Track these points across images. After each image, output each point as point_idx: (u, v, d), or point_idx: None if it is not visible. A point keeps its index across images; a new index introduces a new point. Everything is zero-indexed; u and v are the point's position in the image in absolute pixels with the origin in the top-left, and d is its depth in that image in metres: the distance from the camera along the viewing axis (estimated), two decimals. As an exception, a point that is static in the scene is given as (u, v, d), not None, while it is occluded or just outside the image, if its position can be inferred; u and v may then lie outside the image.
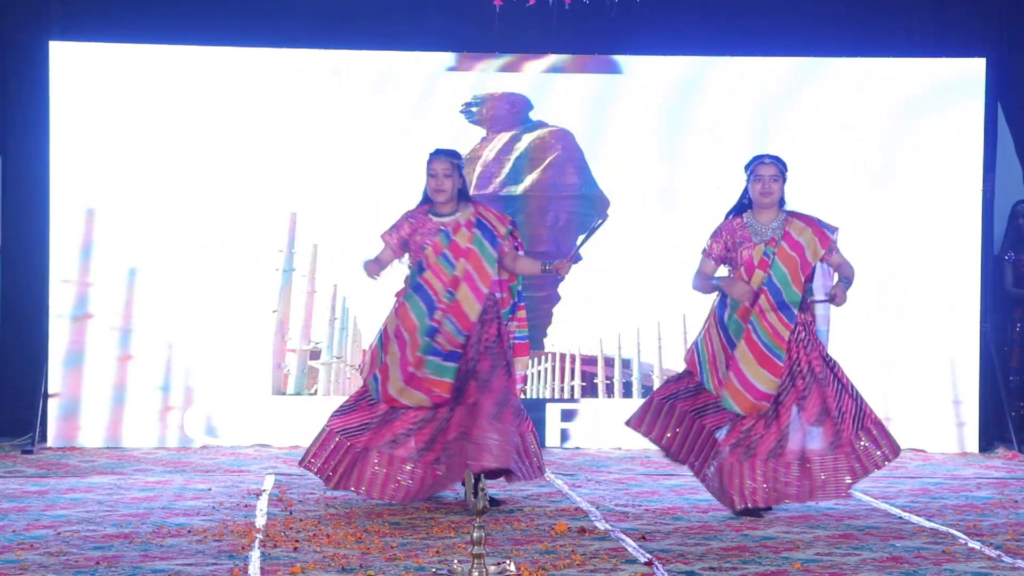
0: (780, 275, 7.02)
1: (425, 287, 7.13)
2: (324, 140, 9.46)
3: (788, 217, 7.13)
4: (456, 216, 7.19)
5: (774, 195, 7.10)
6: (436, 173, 7.18)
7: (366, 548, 6.04)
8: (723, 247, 7.15)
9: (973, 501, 7.47)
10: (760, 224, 7.10)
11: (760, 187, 7.09)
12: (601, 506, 7.20)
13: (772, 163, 7.14)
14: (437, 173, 7.17)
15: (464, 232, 7.15)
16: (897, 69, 9.59)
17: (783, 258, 7.03)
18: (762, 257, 7.04)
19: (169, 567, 5.64)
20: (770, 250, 7.04)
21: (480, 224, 7.17)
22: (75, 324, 9.31)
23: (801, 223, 7.11)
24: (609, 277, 9.57)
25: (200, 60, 9.39)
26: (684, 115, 9.60)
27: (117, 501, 7.24)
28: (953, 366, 9.56)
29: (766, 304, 6.99)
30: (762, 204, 7.11)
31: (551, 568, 5.66)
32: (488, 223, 7.19)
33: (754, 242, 7.07)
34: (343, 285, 9.49)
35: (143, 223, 9.34)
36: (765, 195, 7.09)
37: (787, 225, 7.09)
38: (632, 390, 9.59)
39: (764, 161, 7.16)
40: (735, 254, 7.11)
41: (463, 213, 7.19)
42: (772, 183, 7.09)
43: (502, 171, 9.55)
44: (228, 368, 9.39)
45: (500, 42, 9.45)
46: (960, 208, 9.57)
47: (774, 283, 7.01)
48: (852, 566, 5.78)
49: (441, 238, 7.14)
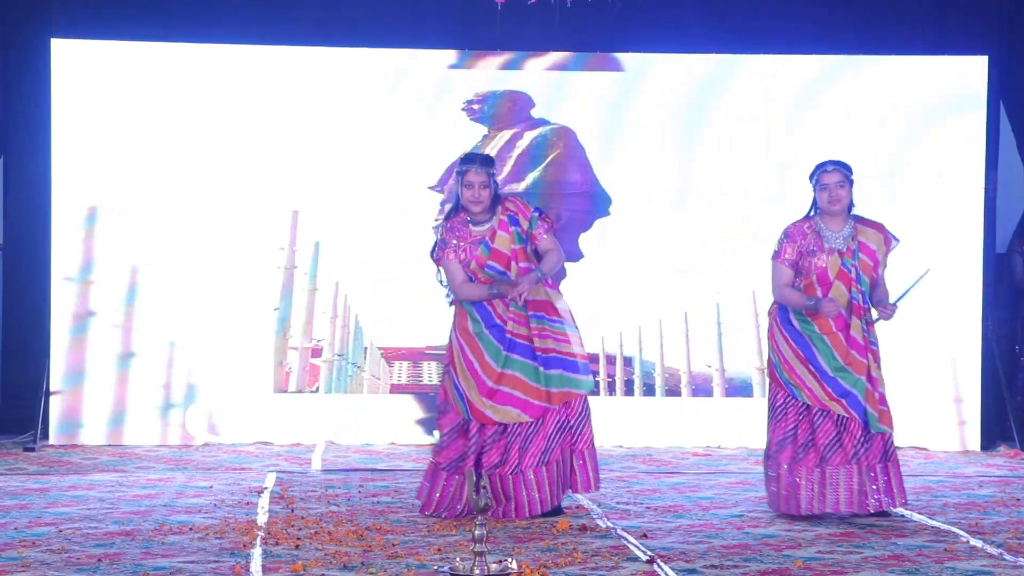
0: (864, 286, 6.93)
1: (485, 304, 6.85)
2: (325, 138, 9.46)
3: (857, 224, 6.97)
4: (492, 222, 6.88)
5: (843, 202, 6.90)
6: (473, 184, 6.83)
7: (368, 545, 6.04)
8: (796, 252, 6.95)
9: (975, 499, 7.47)
10: (830, 232, 6.93)
11: (827, 196, 6.90)
12: (603, 504, 7.20)
13: (836, 169, 6.94)
14: (474, 184, 6.83)
15: (502, 236, 6.84)
16: (899, 67, 9.59)
17: (863, 268, 6.92)
18: (840, 269, 6.90)
19: (171, 564, 5.65)
20: (848, 262, 6.90)
21: (511, 219, 6.86)
22: (77, 322, 9.31)
23: (870, 229, 6.99)
24: (611, 275, 9.57)
25: (200, 58, 9.39)
26: (686, 113, 9.59)
27: (119, 498, 7.24)
28: (955, 364, 9.56)
29: (855, 319, 6.87)
30: (832, 212, 6.92)
31: (553, 566, 5.66)
32: (515, 215, 6.87)
33: (827, 249, 6.91)
34: (345, 283, 9.49)
35: (145, 221, 9.34)
36: (833, 203, 6.90)
37: (859, 234, 6.95)
38: (634, 388, 9.59)
39: (827, 169, 6.95)
40: (806, 261, 6.93)
41: (497, 216, 6.87)
42: (839, 189, 6.89)
43: (504, 169, 9.54)
44: (230, 366, 9.39)
45: (502, 40, 9.44)
46: (962, 206, 9.57)
47: (861, 295, 6.91)
48: (854, 564, 5.78)
49: (482, 250, 6.84)
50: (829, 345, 6.89)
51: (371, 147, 9.46)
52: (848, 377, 6.87)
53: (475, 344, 6.85)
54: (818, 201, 6.97)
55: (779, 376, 6.94)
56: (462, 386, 6.83)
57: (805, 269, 6.94)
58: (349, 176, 9.47)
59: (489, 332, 6.84)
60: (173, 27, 9.35)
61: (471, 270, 6.86)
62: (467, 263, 6.86)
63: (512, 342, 6.81)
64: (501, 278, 6.83)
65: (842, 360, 6.88)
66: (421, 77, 9.51)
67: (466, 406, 6.82)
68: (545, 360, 6.80)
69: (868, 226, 7.00)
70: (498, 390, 6.79)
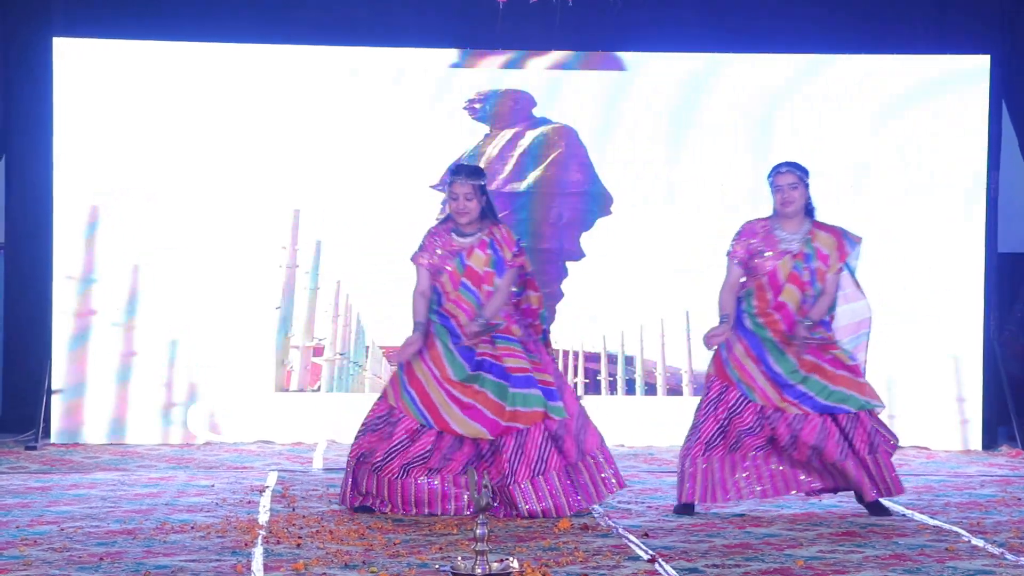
0: (817, 292, 6.88)
1: (450, 319, 6.87)
2: (327, 137, 9.46)
3: (813, 228, 6.92)
4: (473, 239, 6.89)
5: (796, 203, 6.87)
6: (457, 196, 6.86)
7: (369, 544, 6.05)
8: (746, 251, 6.93)
9: (976, 499, 7.47)
10: (785, 233, 6.90)
11: (780, 197, 6.88)
12: (604, 503, 7.19)
13: (790, 171, 6.91)
14: (458, 196, 6.85)
15: (478, 255, 6.86)
16: (901, 66, 9.59)
17: (817, 273, 6.86)
18: (791, 271, 6.85)
19: (172, 563, 5.65)
20: (801, 264, 6.86)
21: (491, 244, 6.88)
22: (79, 320, 9.31)
23: (825, 233, 6.93)
24: (613, 274, 9.57)
25: (203, 57, 9.40)
26: (688, 112, 9.59)
27: (120, 497, 7.24)
28: (957, 363, 9.56)
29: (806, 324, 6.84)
30: (785, 214, 6.90)
31: (554, 565, 5.66)
32: (497, 244, 6.89)
33: (779, 251, 6.88)
34: (346, 281, 9.49)
35: (147, 219, 9.35)
36: (786, 204, 6.88)
37: (814, 239, 6.89)
38: (635, 387, 9.59)
39: (781, 170, 6.92)
40: (755, 262, 6.89)
41: (480, 235, 6.89)
42: (791, 191, 6.86)
43: (505, 168, 9.55)
44: (231, 364, 9.39)
45: (503, 39, 9.44)
46: (964, 205, 9.56)
47: (813, 299, 6.87)
48: (855, 563, 5.78)
49: (456, 264, 6.86)
50: (783, 353, 6.86)
51: (373, 146, 9.46)
52: (810, 383, 6.84)
53: (438, 354, 6.85)
54: (773, 202, 6.94)
55: (729, 373, 6.91)
56: (424, 391, 6.79)
57: (755, 270, 6.91)
58: (351, 175, 9.47)
59: (455, 349, 6.84)
60: (174, 26, 9.35)
61: (441, 281, 6.87)
62: (439, 272, 6.88)
63: (481, 361, 6.80)
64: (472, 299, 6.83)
65: (798, 366, 6.86)
66: (422, 76, 9.51)
67: (422, 412, 6.78)
68: (516, 379, 6.77)
69: (824, 230, 6.94)
70: (465, 402, 6.76)
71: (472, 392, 6.78)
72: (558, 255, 9.62)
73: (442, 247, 6.92)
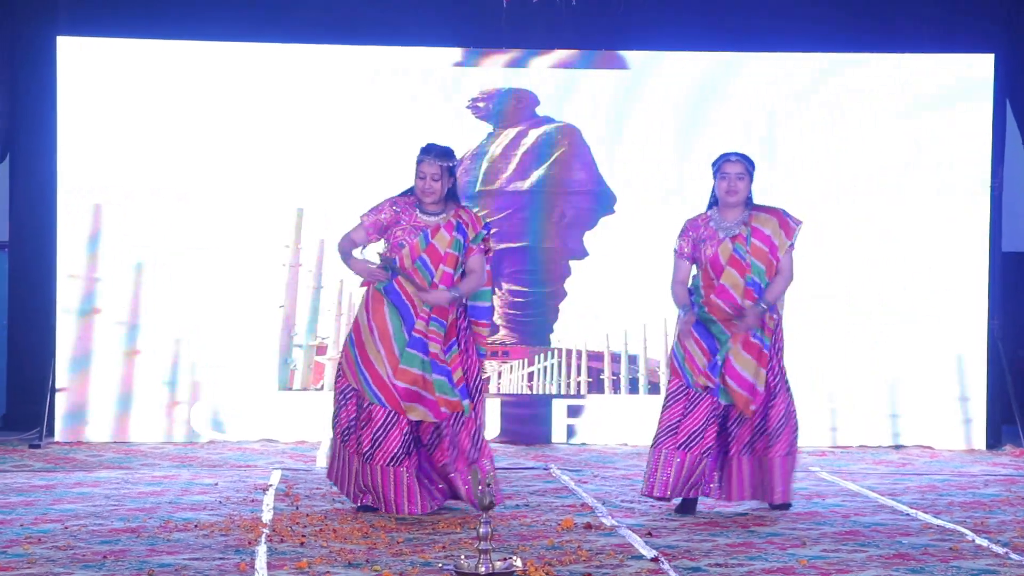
0: (758, 271, 6.89)
1: (399, 292, 6.83)
2: (330, 135, 9.46)
3: (752, 212, 6.95)
4: (438, 218, 6.89)
5: (740, 194, 6.92)
6: (424, 176, 6.86)
7: (372, 543, 6.05)
8: (691, 245, 6.98)
9: (980, 498, 7.46)
10: (725, 221, 6.95)
11: (726, 185, 6.91)
12: (607, 502, 7.20)
13: (739, 161, 6.95)
14: (426, 176, 6.86)
15: (444, 235, 6.85)
16: (906, 65, 9.59)
17: (756, 253, 6.89)
18: (732, 255, 6.88)
19: (176, 561, 5.65)
20: (740, 247, 6.88)
21: (459, 227, 6.87)
22: (82, 319, 9.32)
23: (765, 214, 6.96)
24: (615, 273, 9.57)
25: (206, 56, 9.40)
26: (691, 111, 9.59)
27: (124, 495, 7.25)
28: (960, 362, 9.56)
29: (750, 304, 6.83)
30: (727, 203, 6.93)
31: (557, 564, 5.66)
32: (464, 225, 6.89)
33: (719, 238, 6.91)
34: (349, 280, 9.48)
35: (150, 218, 9.35)
36: (731, 193, 6.91)
37: (752, 220, 6.92)
38: (638, 386, 9.59)
39: (730, 159, 6.96)
40: (699, 252, 6.94)
41: (446, 216, 6.90)
42: (738, 181, 6.90)
43: (508, 167, 9.55)
44: (235, 363, 9.40)
45: (508, 38, 9.44)
46: (968, 204, 9.56)
47: (755, 281, 6.88)
48: (859, 563, 5.77)
49: (420, 240, 6.84)
50: (724, 332, 6.88)
51: (376, 145, 9.46)
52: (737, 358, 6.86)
53: (387, 333, 6.79)
54: (716, 189, 6.97)
55: (679, 367, 6.93)
56: (374, 370, 6.77)
57: (700, 259, 6.96)
58: (354, 174, 9.46)
59: (404, 330, 6.78)
60: (179, 25, 9.35)
61: (401, 254, 6.82)
62: (399, 245, 6.84)
63: (418, 341, 6.79)
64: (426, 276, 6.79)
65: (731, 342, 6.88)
66: (427, 75, 9.51)
67: (375, 392, 6.76)
68: (433, 365, 6.78)
69: (764, 212, 6.98)
70: (406, 388, 6.74)
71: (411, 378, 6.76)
72: (562, 254, 9.62)
73: (405, 220, 6.90)
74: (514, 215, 9.54)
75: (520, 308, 9.55)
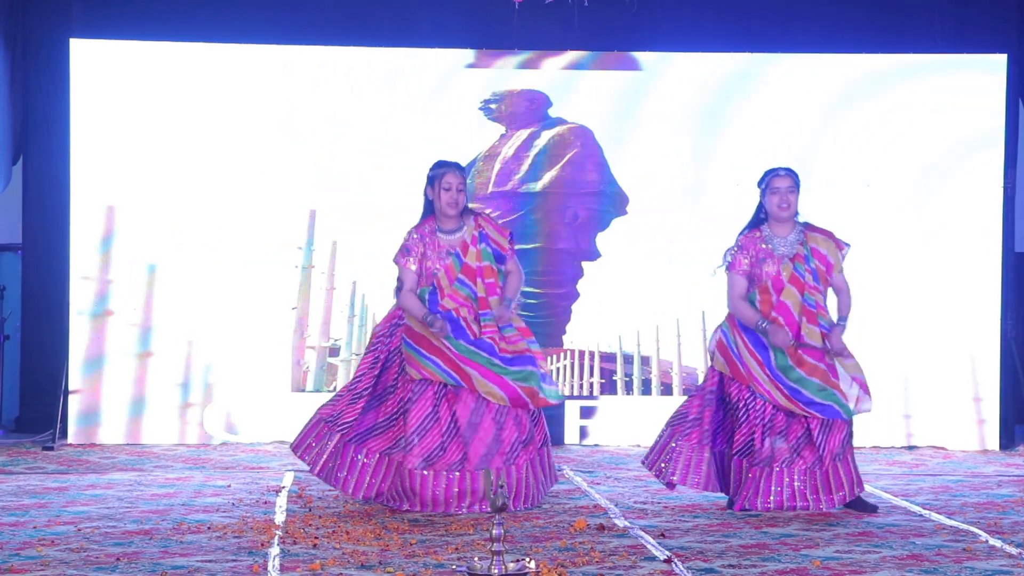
0: (815, 291, 7.01)
1: (452, 313, 7.00)
2: (343, 137, 9.47)
3: (806, 230, 7.10)
4: (462, 233, 7.07)
5: (792, 207, 7.07)
6: (451, 187, 7.02)
7: (385, 544, 6.05)
8: (750, 262, 7.08)
9: (994, 499, 7.45)
10: (779, 239, 7.07)
11: (777, 200, 7.05)
12: (620, 503, 7.20)
13: (787, 175, 7.10)
14: (452, 187, 7.02)
15: (472, 250, 7.04)
16: (918, 65, 9.57)
17: (815, 273, 7.03)
18: (793, 273, 7.00)
19: (189, 563, 5.66)
20: (800, 267, 7.01)
21: (483, 237, 7.07)
22: (95, 321, 9.34)
23: (820, 235, 7.11)
24: (628, 274, 9.57)
25: (219, 57, 9.41)
26: (703, 112, 9.58)
27: (137, 497, 7.26)
28: (974, 363, 9.54)
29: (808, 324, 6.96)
30: (780, 217, 7.07)
31: (570, 565, 5.66)
32: (490, 237, 7.09)
33: (777, 257, 7.04)
34: (362, 282, 9.50)
35: (163, 220, 9.37)
36: (783, 208, 7.05)
37: (809, 239, 7.07)
38: (651, 387, 9.58)
39: (779, 174, 7.11)
40: (758, 270, 7.05)
41: (467, 229, 7.08)
42: (789, 195, 7.05)
43: (521, 168, 9.55)
44: (248, 365, 9.41)
45: (519, 39, 9.44)
46: (980, 204, 9.54)
47: (813, 300, 7.00)
48: (872, 564, 5.77)
49: (453, 261, 7.02)
50: (784, 354, 6.96)
51: (389, 146, 9.47)
52: (809, 384, 6.94)
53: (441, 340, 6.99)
54: (767, 205, 7.10)
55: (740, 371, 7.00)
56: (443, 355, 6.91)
57: (758, 277, 7.05)
58: (366, 175, 9.47)
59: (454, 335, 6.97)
60: (192, 26, 9.37)
61: (438, 279, 6.99)
62: (434, 273, 7.00)
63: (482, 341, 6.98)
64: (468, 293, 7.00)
65: (797, 367, 6.94)
66: (438, 76, 9.51)
67: (448, 372, 6.88)
68: (511, 359, 6.97)
69: (818, 232, 7.12)
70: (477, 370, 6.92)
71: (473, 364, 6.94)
72: (574, 255, 9.61)
73: (430, 249, 7.04)
74: (526, 216, 9.54)
75: (532, 309, 9.54)
